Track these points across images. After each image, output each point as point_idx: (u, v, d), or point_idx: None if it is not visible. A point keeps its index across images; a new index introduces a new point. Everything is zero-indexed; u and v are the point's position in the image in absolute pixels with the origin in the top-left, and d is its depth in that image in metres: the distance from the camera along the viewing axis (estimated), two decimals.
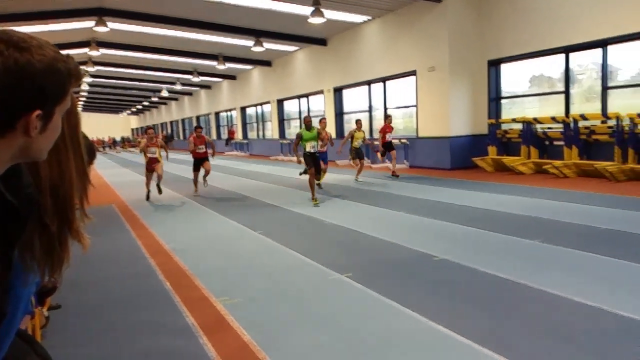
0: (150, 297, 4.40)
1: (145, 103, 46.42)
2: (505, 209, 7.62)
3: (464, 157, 13.74)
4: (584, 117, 11.10)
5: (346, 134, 13.97)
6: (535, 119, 12.27)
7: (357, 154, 12.38)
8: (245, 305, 4.04)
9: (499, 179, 11.22)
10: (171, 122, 46.88)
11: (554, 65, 12.61)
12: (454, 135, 13.87)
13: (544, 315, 3.56)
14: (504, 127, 13.52)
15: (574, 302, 3.75)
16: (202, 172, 11.26)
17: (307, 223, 7.36)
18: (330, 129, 20.17)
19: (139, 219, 8.44)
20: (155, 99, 41.66)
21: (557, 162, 11.11)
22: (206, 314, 3.90)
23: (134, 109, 54.32)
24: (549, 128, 12.19)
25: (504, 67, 13.81)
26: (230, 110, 31.90)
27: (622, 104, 10.91)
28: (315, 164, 9.27)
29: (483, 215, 7.23)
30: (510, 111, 13.88)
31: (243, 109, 29.85)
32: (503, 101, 14.02)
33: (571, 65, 11.97)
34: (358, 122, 12.55)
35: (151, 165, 10.33)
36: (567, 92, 12.01)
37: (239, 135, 30.68)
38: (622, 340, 3.10)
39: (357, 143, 12.26)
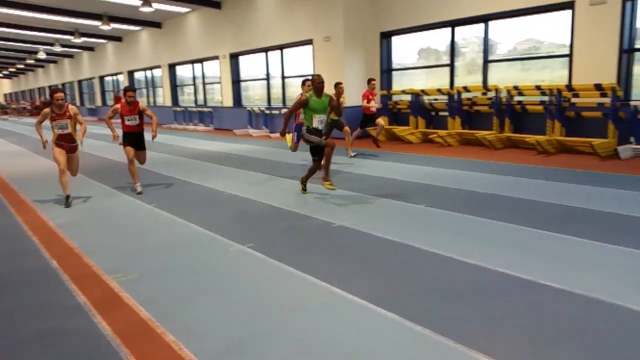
0: (35, 277, 4.09)
1: (20, 66, 42.02)
2: (397, 176, 8.02)
3: (357, 126, 14.13)
4: (466, 89, 11.88)
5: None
6: (422, 91, 12.90)
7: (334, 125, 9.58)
8: (141, 281, 3.91)
9: (391, 148, 11.73)
10: (50, 87, 43.03)
11: (440, 39, 13.27)
12: (349, 106, 14.19)
13: (432, 274, 3.84)
14: (395, 98, 14.07)
15: (457, 260, 4.09)
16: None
17: (205, 195, 7.21)
18: (227, 98, 19.77)
19: (18, 193, 7.75)
20: (31, 61, 37.84)
21: (442, 132, 11.85)
22: (98, 291, 3.72)
23: (6, 72, 48.99)
24: (435, 99, 12.90)
25: (395, 40, 14.28)
26: (116, 74, 29.91)
27: (501, 77, 11.82)
28: (319, 149, 6.78)
29: (376, 183, 7.56)
30: (401, 83, 14.45)
31: (131, 74, 28.12)
32: (394, 73, 14.55)
33: (456, 39, 12.69)
34: (339, 85, 9.90)
35: (63, 148, 6.84)
36: (452, 65, 12.74)
37: None
38: (499, 293, 3.45)
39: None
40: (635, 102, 9.14)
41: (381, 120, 11.24)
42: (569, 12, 9.94)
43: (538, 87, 10.30)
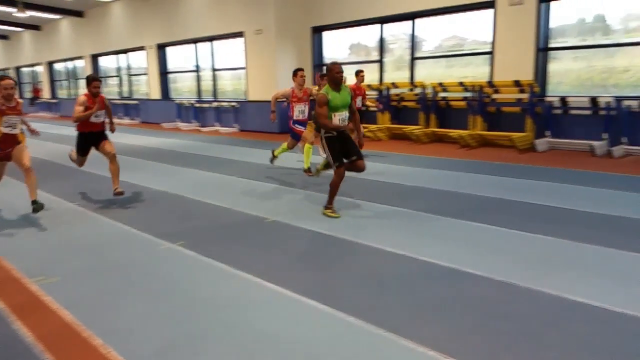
0: None
1: None
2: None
3: None
4: (395, 85, 12.20)
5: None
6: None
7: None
8: (65, 284, 3.74)
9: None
10: None
11: (370, 35, 13.52)
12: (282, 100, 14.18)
13: (364, 266, 3.95)
14: None
15: (387, 252, 4.22)
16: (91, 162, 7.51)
17: (131, 192, 6.97)
18: (155, 90, 19.15)
19: None
20: None
21: (372, 126, 12.11)
22: (18, 296, 3.53)
23: None
24: (366, 95, 13.11)
25: (327, 35, 14.40)
26: (34, 65, 28.15)
27: (427, 73, 12.23)
28: (344, 154, 5.43)
29: (310, 178, 7.62)
30: None
31: (50, 65, 26.58)
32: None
33: (385, 36, 12.98)
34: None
35: (6, 150, 5.55)
36: (381, 61, 13.03)
37: (45, 94, 27.36)
38: (426, 282, 3.60)
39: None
40: (551, 98, 9.77)
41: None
42: (491, 11, 10.44)
43: (461, 84, 10.77)
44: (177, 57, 18.57)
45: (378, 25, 12.88)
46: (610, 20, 10.06)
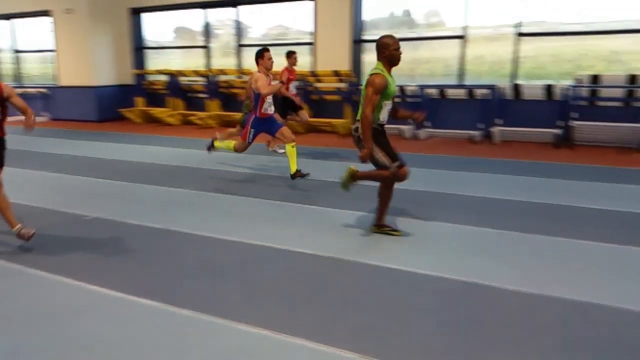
0: None
1: None
2: (157, 160, 7.82)
3: (111, 108, 13.24)
4: (222, 72, 12.12)
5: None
6: (179, 72, 12.71)
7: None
8: None
9: (149, 131, 11.32)
10: None
11: (196, 19, 13.19)
12: (99, 85, 13.14)
13: (197, 256, 3.94)
14: (151, 78, 13.55)
15: (221, 240, 4.26)
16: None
17: None
18: None
19: None
20: None
21: (202, 114, 11.91)
22: None
23: None
24: (193, 81, 12.84)
25: (147, 17, 13.67)
26: None
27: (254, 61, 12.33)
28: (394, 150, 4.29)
29: (134, 168, 7.25)
30: (157, 62, 13.96)
31: None
32: (149, 52, 13.96)
33: (211, 21, 12.78)
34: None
35: None
36: (207, 46, 12.82)
37: None
38: (260, 265, 3.73)
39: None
40: None
41: (305, 114, 8.62)
42: (311, 2, 10.89)
43: None
44: None
45: (202, 10, 12.62)
46: (415, 15, 11.27)
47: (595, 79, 8.52)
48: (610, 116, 8.40)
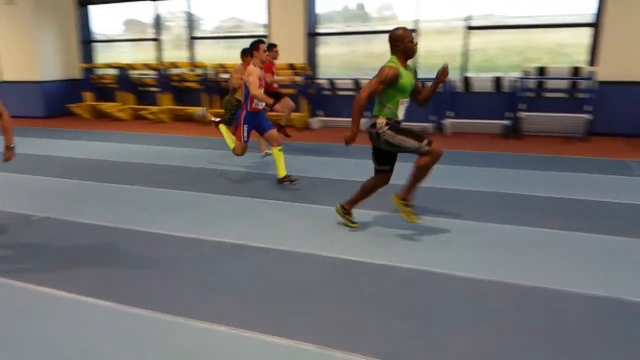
0: None
1: None
2: (107, 156, 7.60)
3: (59, 104, 12.75)
4: (175, 65, 11.87)
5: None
6: (129, 65, 12.37)
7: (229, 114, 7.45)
8: None
9: (98, 126, 10.99)
10: None
11: (146, 11, 12.85)
12: (45, 80, 12.62)
13: (149, 254, 3.86)
14: (100, 72, 13.13)
15: (175, 236, 4.20)
16: None
17: None
18: None
19: None
20: None
21: (154, 108, 11.65)
22: None
23: None
24: (144, 74, 12.53)
25: (95, 9, 13.21)
26: None
27: (209, 54, 12.16)
28: (393, 156, 4.30)
29: (85, 165, 7.03)
30: (106, 55, 13.53)
31: None
32: (98, 45, 13.52)
33: (162, 13, 12.48)
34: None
35: None
36: (158, 39, 12.53)
37: None
38: (214, 261, 3.70)
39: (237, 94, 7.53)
40: (321, 80, 10.62)
41: (289, 100, 8.10)
42: None
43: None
44: None
45: (152, 2, 12.30)
46: (369, 9, 11.36)
47: (541, 71, 8.83)
48: (556, 107, 8.74)
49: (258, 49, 5.71)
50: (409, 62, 4.05)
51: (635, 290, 3.18)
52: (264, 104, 5.80)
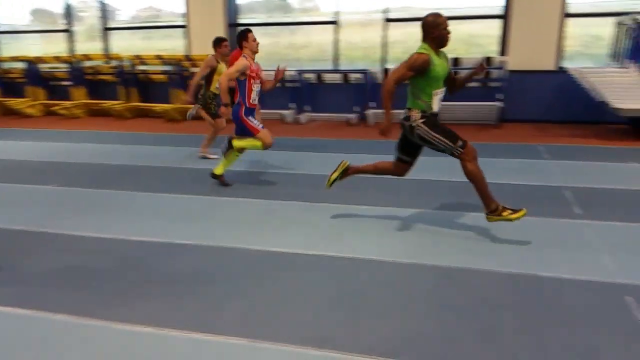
0: None
1: None
2: (17, 156, 7.12)
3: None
4: (88, 57, 11.28)
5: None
6: (39, 58, 11.61)
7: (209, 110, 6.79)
8: None
9: (7, 124, 10.23)
10: None
11: (56, 0, 12.11)
12: None
13: (68, 258, 3.67)
14: (6, 66, 12.23)
15: (93, 238, 4.02)
16: None
17: None
18: None
19: None
20: None
21: (67, 103, 11.01)
22: None
23: None
24: (55, 68, 11.80)
25: None
26: None
27: (125, 45, 11.65)
28: (418, 148, 4.16)
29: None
30: (12, 48, 12.61)
31: None
32: (3, 37, 12.56)
33: (74, 2, 11.79)
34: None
35: None
36: (70, 30, 11.84)
37: None
38: (143, 260, 3.59)
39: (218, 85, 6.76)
40: None
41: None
42: None
43: (159, 57, 10.65)
44: None
45: None
46: (291, 0, 11.34)
47: (455, 61, 9.20)
48: (471, 96, 9.15)
49: (247, 38, 5.21)
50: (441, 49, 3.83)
51: (549, 267, 3.43)
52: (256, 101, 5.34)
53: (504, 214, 3.75)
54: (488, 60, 9.03)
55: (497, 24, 9.25)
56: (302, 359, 2.47)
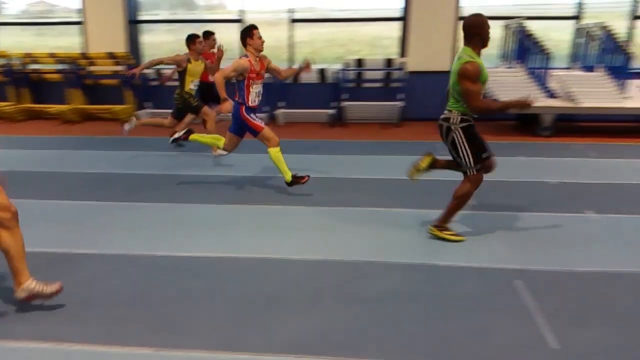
0: None
1: None
2: None
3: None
4: None
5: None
6: None
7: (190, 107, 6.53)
8: None
9: None
10: None
11: None
12: None
13: None
14: None
15: None
16: None
17: None
18: None
19: None
20: None
21: None
22: None
23: None
24: None
25: None
26: None
27: (14, 42, 10.79)
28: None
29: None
30: None
31: None
32: None
33: None
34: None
35: None
36: None
37: None
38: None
39: (193, 85, 6.56)
40: (147, 71, 10.08)
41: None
42: None
43: (53, 55, 9.99)
44: None
45: None
46: None
47: (359, 62, 9.51)
48: (374, 96, 9.50)
49: (252, 35, 4.87)
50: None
51: (445, 256, 3.68)
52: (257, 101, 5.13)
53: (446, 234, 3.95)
54: (389, 61, 9.42)
55: (397, 25, 9.65)
56: None
